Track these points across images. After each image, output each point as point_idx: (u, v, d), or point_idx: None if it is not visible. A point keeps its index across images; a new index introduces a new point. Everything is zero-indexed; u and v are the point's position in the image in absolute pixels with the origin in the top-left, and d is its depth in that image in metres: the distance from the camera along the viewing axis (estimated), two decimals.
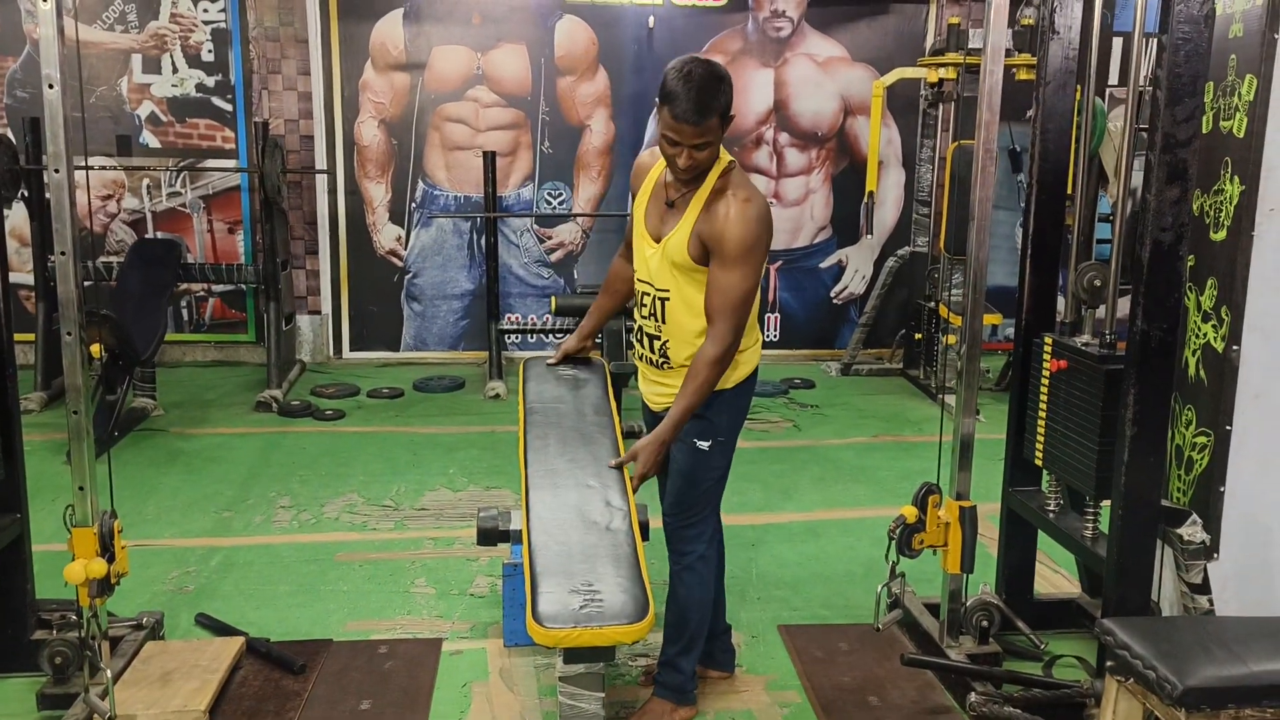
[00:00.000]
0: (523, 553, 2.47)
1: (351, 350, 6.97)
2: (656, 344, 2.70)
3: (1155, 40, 2.46)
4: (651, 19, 6.68)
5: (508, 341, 6.87)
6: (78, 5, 6.30)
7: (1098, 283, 2.95)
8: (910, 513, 2.94)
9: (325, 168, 6.68)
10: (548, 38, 6.67)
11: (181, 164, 6.60)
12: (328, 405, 5.84)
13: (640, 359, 2.81)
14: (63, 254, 2.56)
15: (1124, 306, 2.65)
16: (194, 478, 4.69)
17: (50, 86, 2.46)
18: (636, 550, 2.42)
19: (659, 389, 2.77)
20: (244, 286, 6.69)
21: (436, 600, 3.53)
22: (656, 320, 2.67)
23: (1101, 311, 2.96)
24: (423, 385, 6.31)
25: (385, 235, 6.85)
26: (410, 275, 6.90)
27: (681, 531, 2.76)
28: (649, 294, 2.68)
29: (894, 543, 2.97)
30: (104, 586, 2.59)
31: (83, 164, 2.71)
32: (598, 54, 6.73)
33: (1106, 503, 2.71)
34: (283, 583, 3.65)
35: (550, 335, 6.94)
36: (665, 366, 2.71)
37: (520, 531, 2.60)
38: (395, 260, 6.88)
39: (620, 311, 3.11)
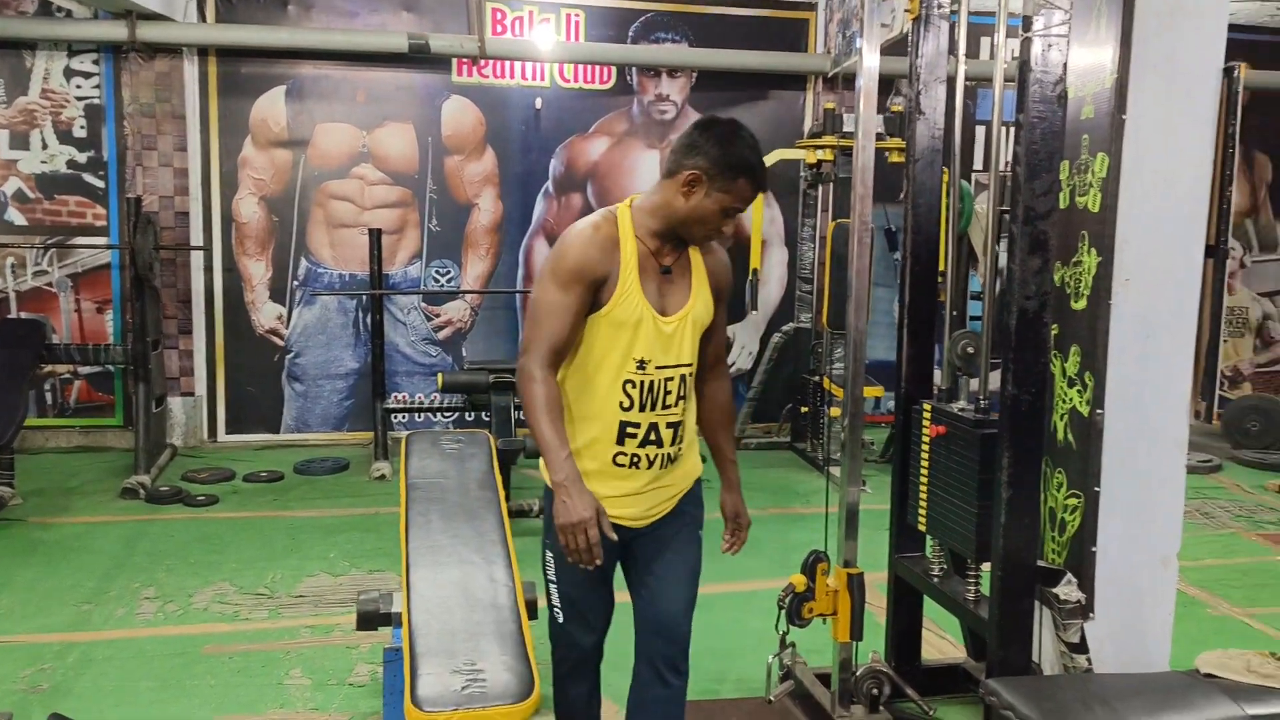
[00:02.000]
0: (403, 635, 2.37)
1: (228, 433, 6.71)
2: (680, 430, 2.32)
3: (1013, 126, 2.60)
4: (539, 100, 6.78)
5: (394, 421, 6.72)
6: None
7: (970, 350, 3.05)
8: (799, 581, 2.95)
9: (202, 244, 6.50)
10: (435, 116, 6.69)
11: (49, 241, 6.33)
12: (200, 490, 5.59)
13: (639, 465, 2.28)
14: None
15: (995, 381, 2.74)
16: (52, 569, 4.40)
17: None
18: (522, 626, 2.35)
19: (658, 494, 2.35)
20: (112, 368, 6.41)
21: (313, 691, 3.35)
22: (685, 401, 2.31)
23: (975, 383, 3.05)
24: (304, 467, 6.10)
25: (265, 314, 6.67)
26: (292, 354, 6.72)
27: (687, 641, 2.42)
28: (671, 377, 2.27)
29: (784, 611, 2.96)
30: None
31: None
32: (485, 134, 6.77)
33: (987, 566, 2.76)
34: (145, 678, 3.43)
35: (437, 414, 6.82)
36: (677, 457, 2.35)
37: (401, 613, 2.50)
38: (276, 339, 6.69)
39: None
